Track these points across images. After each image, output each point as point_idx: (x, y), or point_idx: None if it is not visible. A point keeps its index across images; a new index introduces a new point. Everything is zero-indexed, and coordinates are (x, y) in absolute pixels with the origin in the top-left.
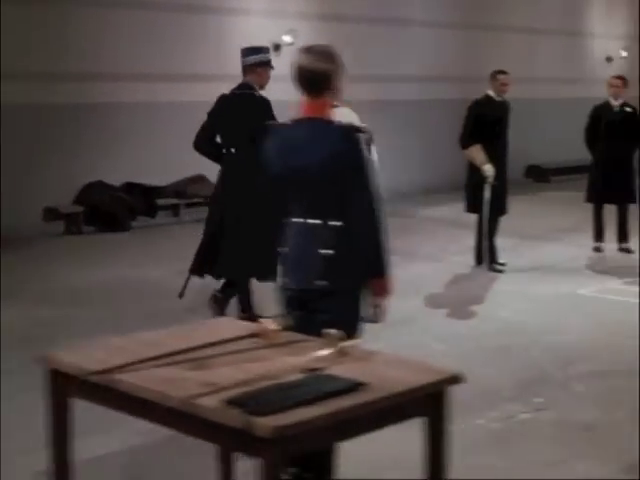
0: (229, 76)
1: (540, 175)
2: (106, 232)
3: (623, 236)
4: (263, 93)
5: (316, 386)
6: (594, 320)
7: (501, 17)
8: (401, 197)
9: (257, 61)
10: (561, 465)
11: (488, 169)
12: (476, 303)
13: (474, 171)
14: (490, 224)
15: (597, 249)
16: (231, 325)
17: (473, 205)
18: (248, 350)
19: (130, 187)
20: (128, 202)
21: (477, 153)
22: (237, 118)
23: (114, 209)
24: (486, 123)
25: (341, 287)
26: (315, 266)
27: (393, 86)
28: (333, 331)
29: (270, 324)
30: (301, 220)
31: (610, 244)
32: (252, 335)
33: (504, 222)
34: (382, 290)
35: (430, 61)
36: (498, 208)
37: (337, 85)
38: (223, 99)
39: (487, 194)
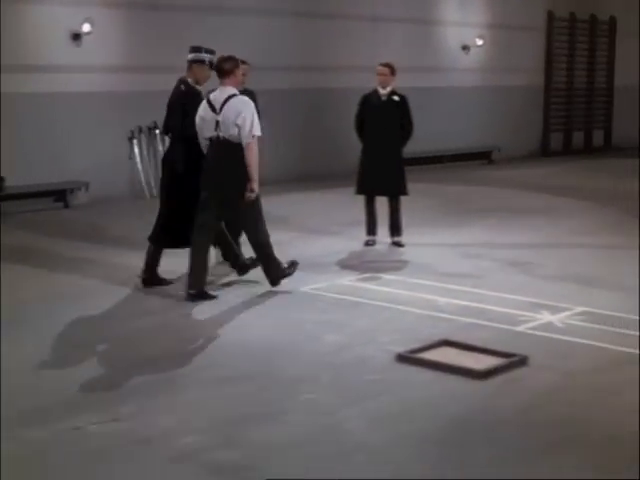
0: (28, 66)
1: None
2: None
3: (395, 230)
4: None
5: None
6: (282, 321)
7: (343, 5)
8: None
9: (191, 59)
10: None
11: None
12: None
13: None
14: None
15: (368, 243)
16: None
17: None
18: None
19: None
20: None
21: None
22: (168, 108)
23: None
24: None
25: None
26: None
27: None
28: None
29: None
30: None
31: (386, 237)
32: None
33: (295, 214)
34: None
35: (260, 51)
36: None
37: None
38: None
39: None
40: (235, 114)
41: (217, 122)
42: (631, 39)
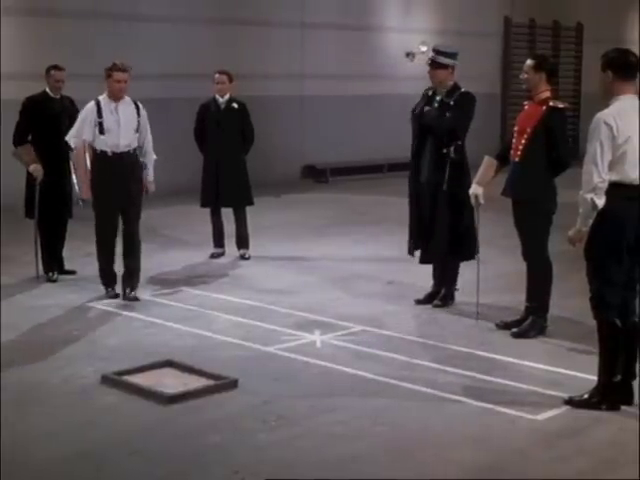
0: None
1: (318, 175)
2: None
3: (241, 242)
4: None
5: None
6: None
7: (273, 12)
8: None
9: None
10: None
11: (35, 169)
12: None
13: (29, 172)
14: (53, 229)
15: (213, 255)
16: None
17: (31, 209)
18: None
19: None
20: None
21: (25, 153)
22: None
23: None
24: (41, 121)
25: None
26: None
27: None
28: None
29: None
30: None
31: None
32: None
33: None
34: None
35: (173, 59)
36: (61, 212)
37: None
38: None
39: (38, 196)
40: None
41: None
42: (598, 45)
